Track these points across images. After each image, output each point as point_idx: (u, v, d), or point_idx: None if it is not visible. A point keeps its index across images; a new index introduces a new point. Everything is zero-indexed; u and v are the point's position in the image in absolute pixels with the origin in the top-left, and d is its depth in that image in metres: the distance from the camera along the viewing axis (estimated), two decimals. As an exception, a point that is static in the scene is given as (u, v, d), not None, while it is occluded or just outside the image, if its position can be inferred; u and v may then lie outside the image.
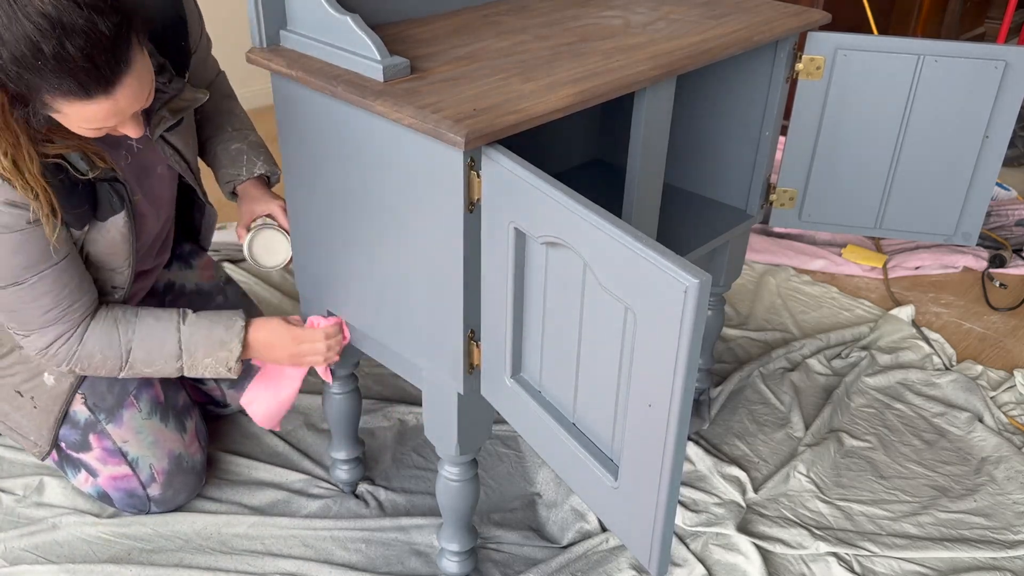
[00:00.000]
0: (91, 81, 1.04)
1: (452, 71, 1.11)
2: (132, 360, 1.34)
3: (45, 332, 1.29)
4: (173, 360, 1.34)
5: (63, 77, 1.03)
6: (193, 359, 1.35)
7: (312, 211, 1.26)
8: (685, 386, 0.82)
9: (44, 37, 0.99)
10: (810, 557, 1.53)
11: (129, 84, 1.08)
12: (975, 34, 3.94)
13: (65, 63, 1.01)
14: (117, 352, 1.33)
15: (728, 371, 1.99)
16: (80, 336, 1.31)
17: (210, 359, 1.35)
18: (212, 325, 1.35)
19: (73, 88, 1.04)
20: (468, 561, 1.42)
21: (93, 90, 1.05)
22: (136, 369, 1.35)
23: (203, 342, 1.34)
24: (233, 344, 1.35)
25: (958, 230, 1.54)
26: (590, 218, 0.88)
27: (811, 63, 1.41)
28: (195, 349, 1.34)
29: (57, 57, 1.00)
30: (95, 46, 1.02)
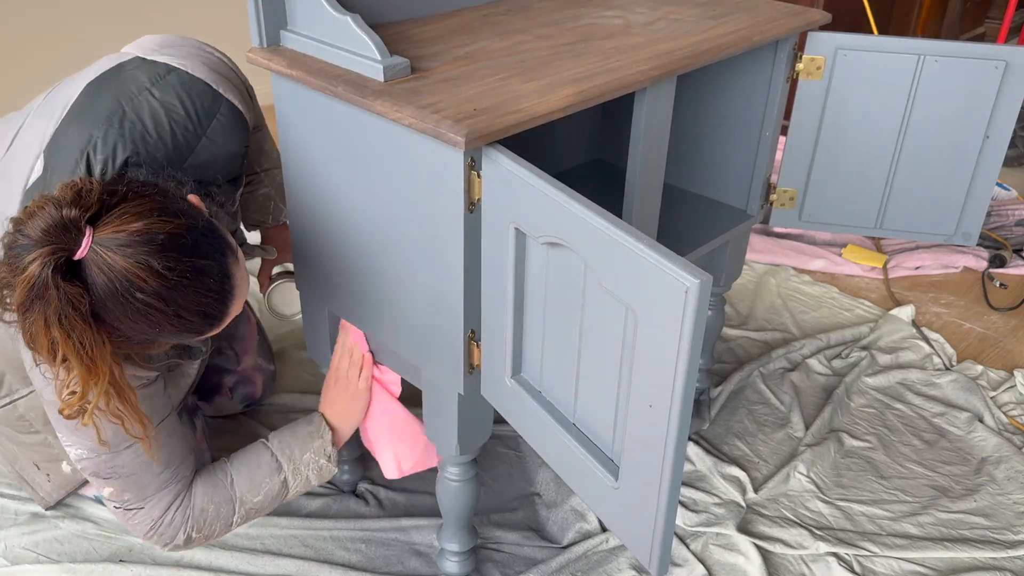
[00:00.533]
0: (204, 326, 1.05)
1: (452, 71, 1.11)
2: (240, 495, 1.28)
3: (161, 498, 1.22)
4: (276, 474, 1.30)
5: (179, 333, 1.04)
6: (293, 463, 1.31)
7: (312, 211, 1.26)
8: (685, 386, 0.82)
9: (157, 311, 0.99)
10: (810, 557, 1.53)
11: (236, 306, 1.08)
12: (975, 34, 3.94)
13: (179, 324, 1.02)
14: (226, 494, 1.27)
15: (728, 371, 1.99)
16: (191, 495, 1.25)
17: (308, 454, 1.32)
18: (295, 426, 1.34)
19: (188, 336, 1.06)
20: (468, 561, 1.42)
21: (207, 329, 1.06)
22: (247, 504, 1.29)
23: (294, 441, 1.32)
24: (323, 431, 1.33)
25: (958, 230, 1.54)
26: (590, 218, 0.88)
27: (811, 63, 1.41)
28: (291, 451, 1.31)
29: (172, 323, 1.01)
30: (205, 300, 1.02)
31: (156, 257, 0.97)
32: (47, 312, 0.94)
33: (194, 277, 1.00)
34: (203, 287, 1.02)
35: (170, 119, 1.19)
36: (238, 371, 1.67)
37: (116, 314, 0.98)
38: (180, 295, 0.99)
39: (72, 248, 0.95)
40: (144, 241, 0.97)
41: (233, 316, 1.10)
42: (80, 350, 0.96)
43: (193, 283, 1.00)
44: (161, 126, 1.18)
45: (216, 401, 1.68)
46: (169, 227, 0.99)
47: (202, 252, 1.02)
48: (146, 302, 0.97)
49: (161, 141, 1.18)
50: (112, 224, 0.97)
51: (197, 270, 1.00)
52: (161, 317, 0.99)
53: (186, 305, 1.01)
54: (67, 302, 0.94)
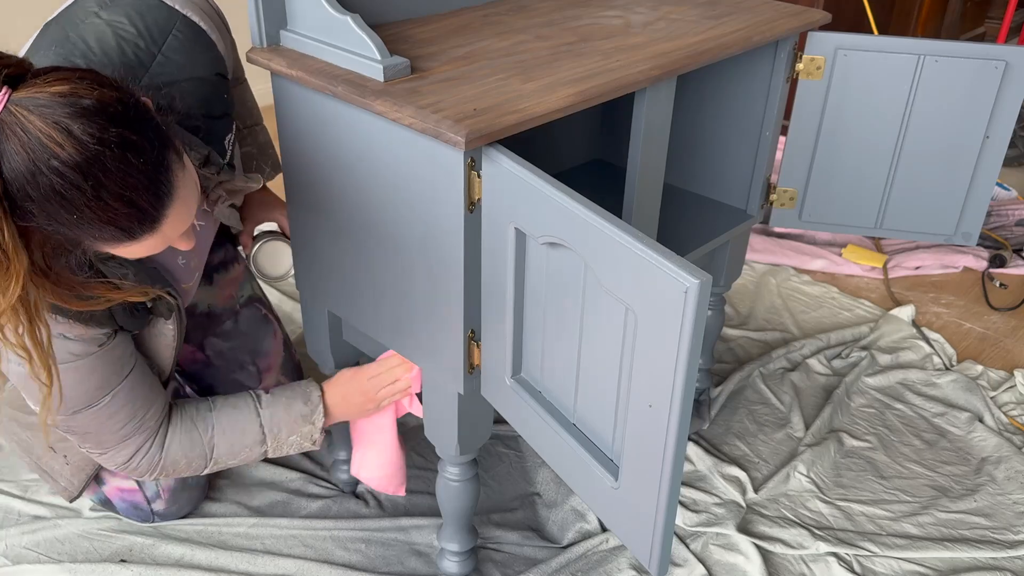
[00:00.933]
0: (135, 223, 0.92)
1: (452, 71, 1.11)
2: (216, 456, 1.28)
3: (124, 447, 1.22)
4: (258, 446, 1.29)
5: (102, 225, 0.90)
6: (277, 440, 1.30)
7: (312, 211, 1.26)
8: (685, 386, 0.82)
9: (74, 189, 0.86)
10: (810, 557, 1.53)
11: (175, 213, 0.95)
12: (975, 34, 3.95)
13: (102, 211, 0.88)
14: (201, 452, 1.27)
15: (728, 371, 1.99)
16: (161, 444, 1.24)
17: (295, 436, 1.30)
18: (291, 401, 1.30)
19: (115, 234, 0.92)
20: (468, 561, 1.42)
21: (138, 231, 0.93)
22: (221, 463, 1.29)
23: (285, 420, 1.29)
24: (316, 416, 1.30)
25: (958, 230, 1.54)
26: (590, 218, 0.88)
27: (811, 63, 1.41)
28: (279, 430, 1.29)
29: (92, 207, 0.88)
30: (134, 186, 0.89)
31: (78, 120, 0.85)
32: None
33: (120, 150, 0.87)
34: (130, 166, 0.88)
35: (117, 37, 1.08)
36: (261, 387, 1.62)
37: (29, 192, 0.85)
38: (101, 169, 0.86)
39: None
40: (68, 103, 0.85)
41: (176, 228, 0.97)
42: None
43: (117, 158, 0.87)
44: (107, 44, 1.07)
45: None
46: (98, 93, 0.87)
47: (135, 127, 0.89)
48: (61, 173, 0.84)
49: (107, 59, 1.06)
50: (35, 86, 0.85)
51: (125, 143, 0.87)
52: (78, 196, 0.86)
53: (109, 184, 0.87)
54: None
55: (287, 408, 1.30)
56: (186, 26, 1.14)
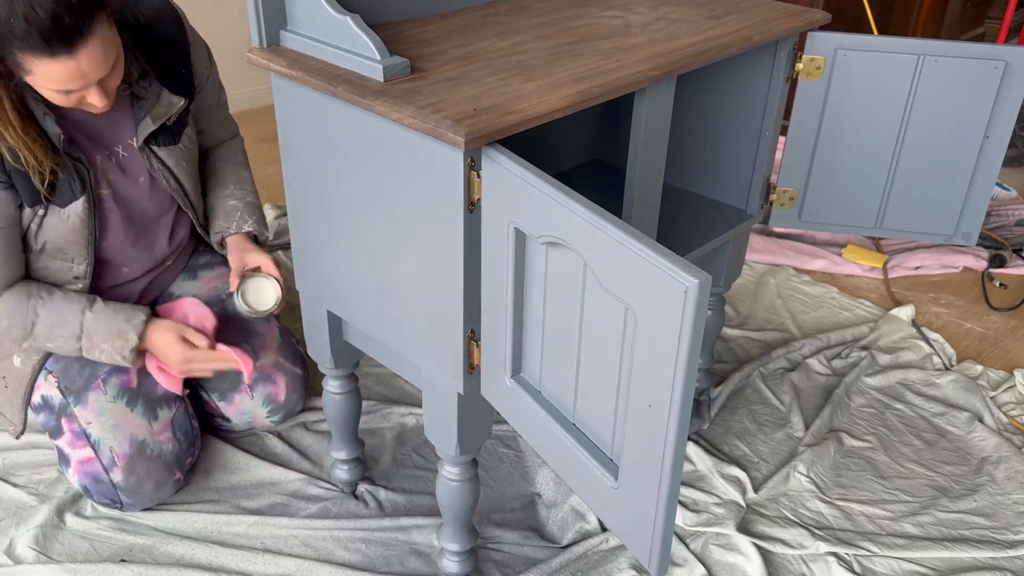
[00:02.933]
0: (55, 38, 1.14)
1: (452, 71, 1.11)
2: (35, 332, 1.42)
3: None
4: (73, 340, 1.43)
5: (30, 34, 1.12)
6: (92, 342, 1.43)
7: (312, 211, 1.26)
8: (685, 386, 0.82)
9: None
10: (810, 557, 1.53)
11: (92, 47, 1.17)
12: (975, 34, 3.95)
13: (33, 21, 1.11)
14: (21, 322, 1.41)
15: (728, 371, 1.99)
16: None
17: (107, 345, 1.44)
18: (115, 315, 1.44)
19: (39, 44, 1.14)
20: (468, 561, 1.42)
21: (56, 47, 1.15)
22: (39, 342, 1.44)
23: (103, 328, 1.43)
24: (130, 335, 1.44)
25: (958, 230, 1.54)
26: (590, 218, 0.88)
27: (811, 63, 1.41)
28: (94, 333, 1.43)
29: (26, 16, 1.10)
30: (61, 6, 1.12)
31: None
32: None
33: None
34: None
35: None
36: (256, 366, 1.65)
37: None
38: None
39: None
40: None
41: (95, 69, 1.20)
42: None
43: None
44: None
45: (236, 401, 1.67)
46: None
47: None
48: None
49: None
50: None
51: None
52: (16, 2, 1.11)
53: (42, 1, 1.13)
54: None
55: (109, 319, 1.44)
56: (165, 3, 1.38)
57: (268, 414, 1.69)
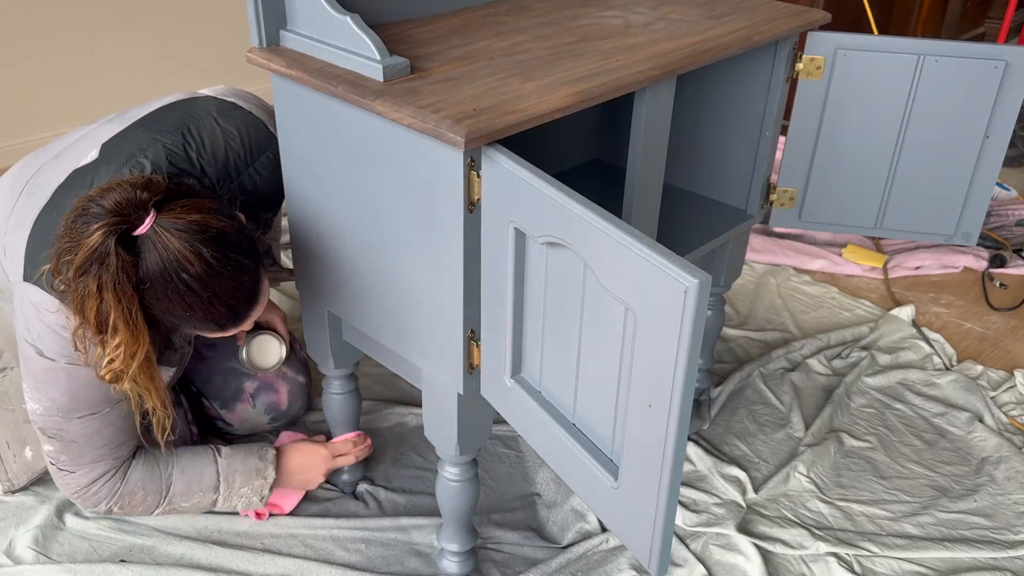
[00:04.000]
0: (228, 322, 1.16)
1: (452, 71, 1.11)
2: (172, 494, 1.40)
3: (93, 468, 1.34)
4: (211, 492, 1.42)
5: (206, 322, 1.14)
6: (230, 489, 1.43)
7: (312, 211, 1.26)
8: (685, 386, 0.82)
9: (196, 296, 1.10)
10: (810, 557, 1.53)
11: (256, 312, 1.19)
12: (975, 34, 3.95)
13: (210, 313, 1.13)
14: (158, 486, 1.39)
15: (728, 371, 1.99)
16: (123, 474, 1.37)
17: (246, 488, 1.43)
18: (247, 455, 1.44)
19: (212, 328, 1.16)
20: (468, 561, 1.42)
21: (229, 327, 1.17)
22: (174, 504, 1.41)
23: (240, 470, 1.43)
24: (268, 472, 1.45)
25: (958, 230, 1.54)
26: (590, 218, 0.88)
27: (811, 63, 1.41)
28: (233, 479, 1.42)
29: (204, 310, 1.12)
30: (237, 297, 1.14)
31: (207, 246, 1.09)
32: (103, 276, 1.06)
33: (234, 271, 1.12)
34: (238, 282, 1.13)
35: (226, 144, 1.33)
36: (259, 377, 1.66)
37: (157, 291, 1.09)
38: (218, 284, 1.11)
39: (136, 223, 1.07)
40: (199, 230, 1.09)
41: (252, 321, 1.21)
42: (128, 316, 1.08)
43: (232, 276, 1.12)
44: (217, 147, 1.32)
45: (238, 410, 1.66)
46: (222, 224, 1.12)
47: (244, 252, 1.14)
48: (188, 284, 1.08)
49: (214, 159, 1.31)
50: (175, 211, 1.09)
51: (238, 265, 1.12)
52: (196, 301, 1.10)
53: (221, 295, 1.12)
54: (122, 269, 1.06)
55: (244, 460, 1.44)
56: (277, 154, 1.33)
57: (270, 421, 1.69)
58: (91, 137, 1.35)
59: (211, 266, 1.09)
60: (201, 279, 1.09)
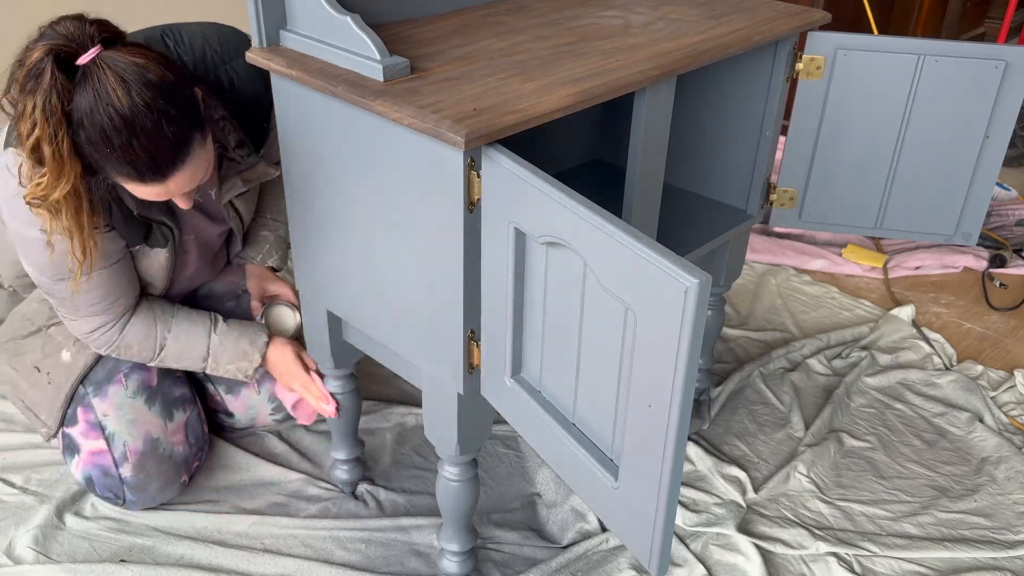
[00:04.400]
0: (147, 171, 1.16)
1: (452, 71, 1.11)
2: (164, 355, 1.49)
3: (91, 320, 1.42)
4: (200, 360, 1.50)
5: (124, 164, 1.14)
6: (217, 363, 1.50)
7: (312, 211, 1.26)
8: (685, 386, 0.82)
9: (115, 132, 1.10)
10: (810, 557, 1.53)
11: (182, 174, 1.19)
12: (975, 34, 3.95)
13: (128, 154, 1.13)
14: (152, 346, 1.47)
15: (728, 371, 1.99)
16: (121, 327, 1.44)
17: (232, 366, 1.51)
18: (239, 337, 1.51)
19: (131, 173, 1.16)
20: (468, 561, 1.42)
21: (148, 178, 1.17)
22: (166, 363, 1.50)
23: (230, 350, 1.50)
24: (254, 356, 1.51)
25: (958, 230, 1.54)
26: (590, 218, 0.88)
27: (811, 63, 1.41)
28: (220, 355, 1.50)
29: (122, 148, 1.12)
30: (157, 146, 1.14)
31: (137, 86, 1.10)
32: (36, 95, 1.08)
33: (158, 117, 1.12)
34: (161, 131, 1.13)
35: (204, 40, 1.38)
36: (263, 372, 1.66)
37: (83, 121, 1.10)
38: (139, 124, 1.11)
39: (77, 51, 1.09)
40: (136, 71, 1.11)
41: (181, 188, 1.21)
42: (53, 139, 1.10)
43: (155, 122, 1.12)
44: (195, 42, 1.37)
45: (243, 395, 1.67)
46: (162, 73, 1.13)
47: (176, 105, 1.14)
48: (110, 116, 1.09)
49: (191, 50, 1.36)
50: (121, 51, 1.12)
51: (163, 113, 1.12)
52: (116, 137, 1.11)
53: (140, 136, 1.12)
54: (54, 89, 1.08)
55: (235, 341, 1.50)
56: None
57: (272, 411, 1.69)
58: None
59: (136, 104, 1.10)
60: (124, 116, 1.10)
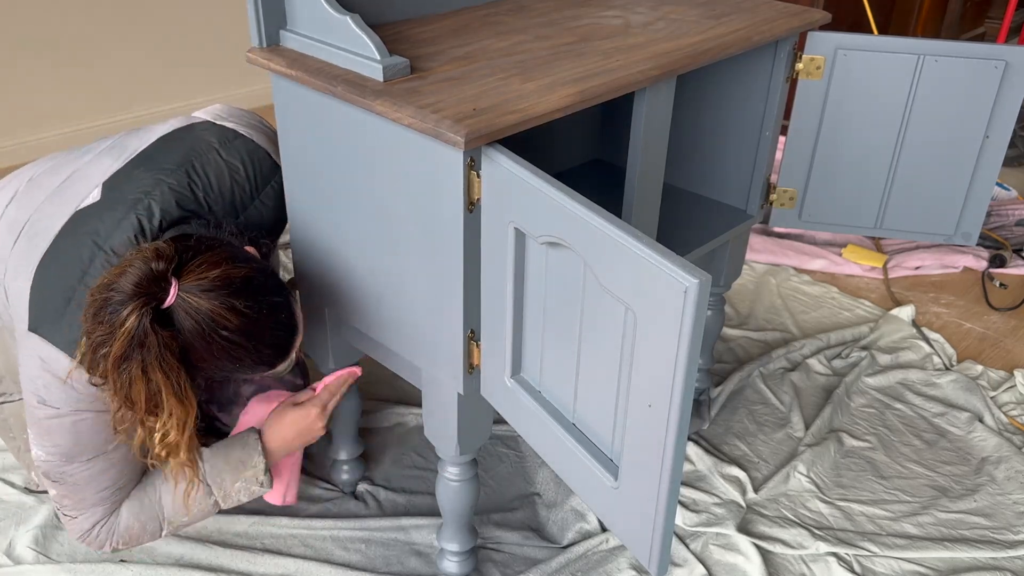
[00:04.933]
0: (278, 358, 1.16)
1: (452, 71, 1.11)
2: (168, 516, 1.33)
3: (93, 513, 1.29)
4: (206, 498, 1.33)
5: (258, 365, 1.15)
6: (224, 490, 1.34)
7: (312, 211, 1.26)
8: (685, 386, 0.82)
9: (241, 348, 1.10)
10: (810, 557, 1.53)
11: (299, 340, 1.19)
12: (975, 34, 3.95)
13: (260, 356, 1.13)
14: (152, 514, 1.32)
15: (728, 371, 1.99)
16: (116, 516, 1.31)
17: (240, 483, 1.34)
18: (228, 450, 1.35)
19: (263, 368, 1.16)
20: (468, 561, 1.42)
21: (278, 363, 1.17)
22: (177, 522, 1.34)
23: (226, 469, 1.34)
24: (255, 459, 1.35)
25: (958, 230, 1.54)
26: (590, 218, 0.88)
27: (811, 63, 1.41)
28: (222, 480, 1.33)
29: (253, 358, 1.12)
30: (278, 333, 1.14)
31: (236, 298, 1.08)
32: (146, 359, 1.04)
33: (269, 313, 1.12)
34: (276, 321, 1.13)
35: (232, 179, 1.29)
36: (256, 380, 1.65)
37: (202, 354, 1.08)
38: (258, 330, 1.11)
39: (162, 297, 1.05)
40: (223, 285, 1.08)
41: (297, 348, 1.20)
42: (178, 390, 1.08)
43: (268, 318, 1.12)
44: (223, 184, 1.29)
45: (235, 412, 1.66)
46: (243, 271, 1.11)
47: (272, 291, 1.14)
48: (229, 339, 1.08)
49: (221, 196, 1.28)
50: (194, 273, 1.08)
51: (271, 306, 1.12)
52: (242, 352, 1.10)
53: (263, 338, 1.12)
54: (164, 346, 1.05)
55: (226, 457, 1.34)
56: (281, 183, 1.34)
57: None
58: (89, 174, 1.29)
59: (246, 316, 1.08)
60: (241, 330, 1.08)
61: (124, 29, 2.89)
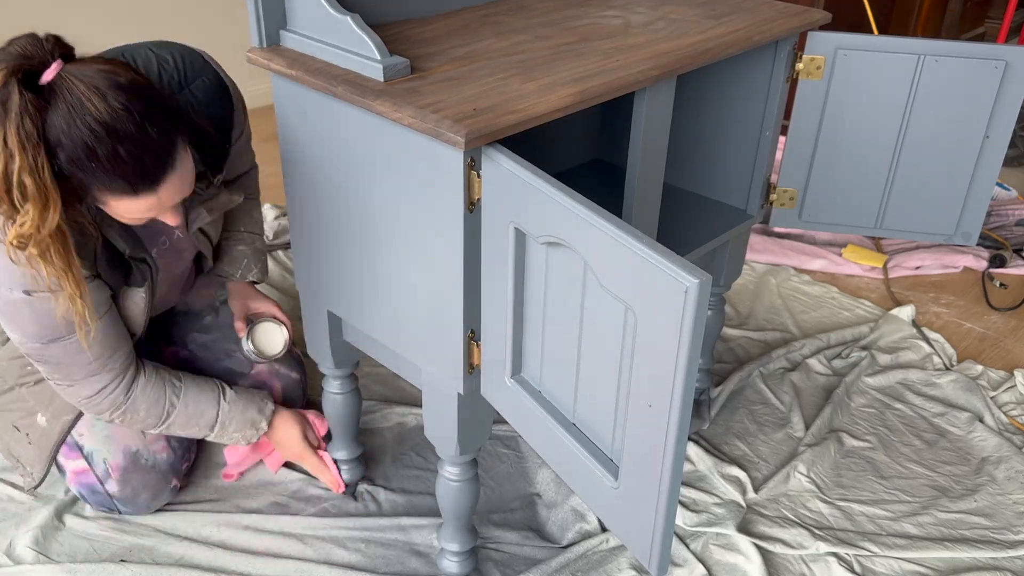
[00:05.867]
0: (139, 181, 1.11)
1: (452, 71, 1.11)
2: (170, 422, 1.45)
3: (89, 383, 1.35)
4: (206, 428, 1.48)
5: (113, 177, 1.09)
6: (224, 431, 1.50)
7: (312, 211, 1.26)
8: (685, 386, 0.82)
9: (99, 142, 1.05)
10: (810, 557, 1.53)
11: (172, 181, 1.14)
12: (975, 34, 3.95)
13: (116, 165, 1.07)
14: (159, 412, 1.43)
15: (728, 371, 1.99)
16: (126, 388, 1.39)
17: (238, 433, 1.51)
18: (248, 405, 1.51)
19: (122, 187, 1.10)
20: (468, 561, 1.42)
21: (140, 188, 1.12)
22: (171, 430, 1.47)
23: (238, 418, 1.50)
24: (261, 424, 1.53)
25: (958, 230, 1.54)
26: (590, 218, 0.88)
27: (811, 63, 1.41)
28: (229, 423, 1.49)
29: (109, 159, 1.06)
30: (144, 150, 1.09)
31: (113, 91, 1.05)
32: (7, 124, 1.01)
33: (140, 121, 1.06)
34: (146, 136, 1.08)
35: (160, 65, 1.30)
36: (251, 375, 1.65)
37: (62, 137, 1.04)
38: (123, 131, 1.05)
39: (41, 68, 1.03)
40: (106, 77, 1.05)
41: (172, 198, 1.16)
42: (34, 168, 1.03)
43: (138, 127, 1.07)
44: (150, 68, 1.29)
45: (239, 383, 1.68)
46: (132, 75, 1.08)
47: (155, 106, 1.09)
48: (91, 127, 1.04)
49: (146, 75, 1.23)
50: (84, 62, 1.07)
51: (145, 116, 1.07)
52: (100, 148, 1.05)
53: (125, 144, 1.06)
54: (26, 111, 1.01)
55: (243, 410, 1.50)
56: (215, 77, 1.35)
57: None
58: None
59: (114, 109, 1.04)
60: (104, 123, 1.04)
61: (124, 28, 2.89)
